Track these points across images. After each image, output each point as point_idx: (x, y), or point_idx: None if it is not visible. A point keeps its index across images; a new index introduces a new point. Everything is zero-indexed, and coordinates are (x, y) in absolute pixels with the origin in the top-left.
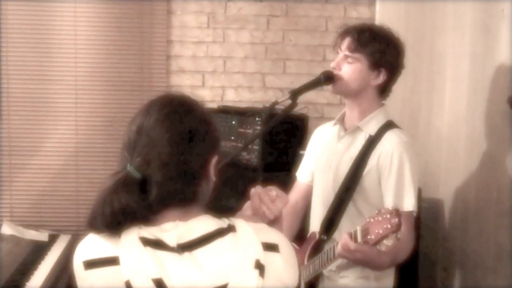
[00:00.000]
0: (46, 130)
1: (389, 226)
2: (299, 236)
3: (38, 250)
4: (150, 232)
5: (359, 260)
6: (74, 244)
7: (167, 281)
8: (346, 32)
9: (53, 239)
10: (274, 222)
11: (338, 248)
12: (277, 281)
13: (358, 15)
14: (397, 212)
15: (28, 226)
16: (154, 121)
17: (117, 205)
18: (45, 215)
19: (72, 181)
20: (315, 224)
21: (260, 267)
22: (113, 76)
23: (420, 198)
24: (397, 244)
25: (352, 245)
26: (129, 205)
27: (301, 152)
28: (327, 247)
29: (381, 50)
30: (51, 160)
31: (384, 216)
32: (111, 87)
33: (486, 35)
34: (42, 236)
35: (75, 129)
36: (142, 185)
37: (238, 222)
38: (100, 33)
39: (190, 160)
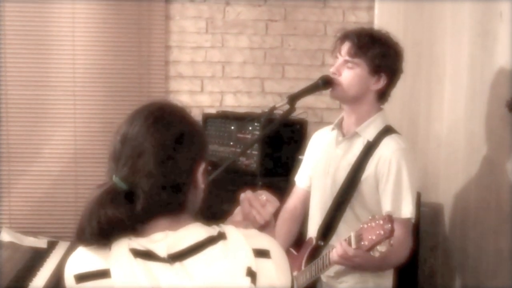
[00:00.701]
0: (45, 136)
1: (382, 232)
2: (298, 242)
3: (37, 257)
4: (140, 243)
5: (357, 265)
6: (72, 252)
7: None
8: (345, 36)
9: (52, 245)
10: (265, 227)
11: (333, 255)
12: (270, 286)
13: (356, 19)
14: (389, 218)
15: (27, 232)
16: (138, 130)
17: (104, 217)
18: (44, 222)
19: (71, 187)
20: (312, 230)
21: (251, 274)
22: (111, 81)
23: (419, 203)
24: (390, 250)
25: (351, 251)
26: (116, 217)
27: (300, 157)
28: (324, 252)
29: (382, 55)
30: (50, 166)
31: (377, 222)
32: (109, 92)
33: (484, 38)
34: (41, 242)
35: (73, 135)
36: (129, 195)
37: (229, 229)
38: (98, 39)
39: (176, 169)
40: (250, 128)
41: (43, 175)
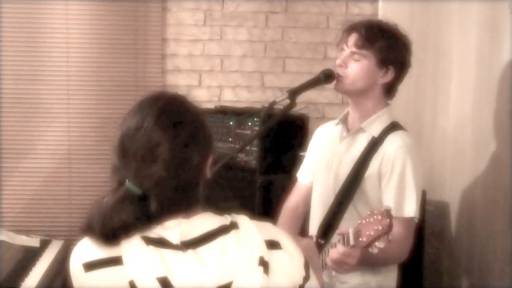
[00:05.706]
0: (38, 131)
1: (380, 227)
2: None
3: (30, 256)
4: (152, 230)
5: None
6: (67, 250)
7: (172, 280)
8: (353, 28)
9: (44, 244)
10: None
11: (329, 260)
12: (285, 277)
13: (360, 11)
14: (388, 213)
15: (19, 231)
16: (150, 129)
17: (118, 222)
18: (37, 220)
19: (65, 185)
20: (314, 227)
21: (264, 264)
22: (106, 75)
23: (425, 201)
24: (389, 246)
25: (341, 250)
26: (130, 219)
27: (301, 153)
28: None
29: (390, 47)
30: (42, 163)
31: (375, 217)
32: (104, 87)
33: (492, 32)
34: (33, 241)
35: (67, 131)
36: (142, 197)
37: (241, 218)
38: (93, 31)
39: (189, 169)
40: (250, 123)
41: (36, 172)
